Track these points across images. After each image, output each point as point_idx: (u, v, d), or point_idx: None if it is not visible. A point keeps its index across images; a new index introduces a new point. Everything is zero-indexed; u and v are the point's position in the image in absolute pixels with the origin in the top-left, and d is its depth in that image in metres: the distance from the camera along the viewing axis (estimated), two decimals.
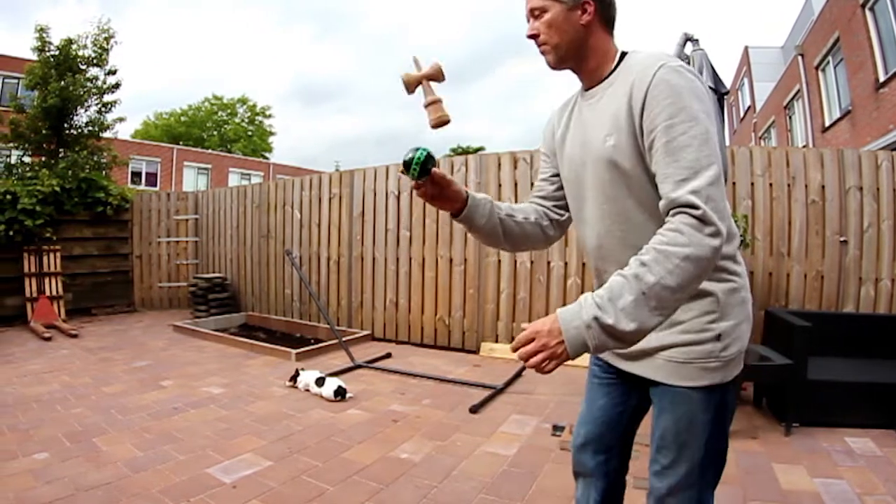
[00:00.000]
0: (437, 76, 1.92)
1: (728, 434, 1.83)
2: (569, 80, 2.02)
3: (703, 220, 1.43)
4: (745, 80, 29.55)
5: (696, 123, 1.51)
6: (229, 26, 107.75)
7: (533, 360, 1.49)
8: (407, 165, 1.79)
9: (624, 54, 1.80)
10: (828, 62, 17.35)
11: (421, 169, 1.79)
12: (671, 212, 1.51)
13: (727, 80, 4.57)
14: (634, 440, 2.15)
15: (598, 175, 1.78)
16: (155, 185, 37.08)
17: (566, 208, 2.10)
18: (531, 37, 1.82)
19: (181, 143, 46.30)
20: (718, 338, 1.70)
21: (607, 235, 1.82)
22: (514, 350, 1.54)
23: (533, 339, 1.49)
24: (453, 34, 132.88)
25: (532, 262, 7.41)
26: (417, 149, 1.80)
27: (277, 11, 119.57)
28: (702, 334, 1.70)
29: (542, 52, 1.82)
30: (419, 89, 1.91)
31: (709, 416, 1.74)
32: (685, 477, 1.77)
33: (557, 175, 2.10)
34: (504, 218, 2.03)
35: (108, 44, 13.33)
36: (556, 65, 1.83)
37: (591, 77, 1.84)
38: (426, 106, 1.89)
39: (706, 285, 1.67)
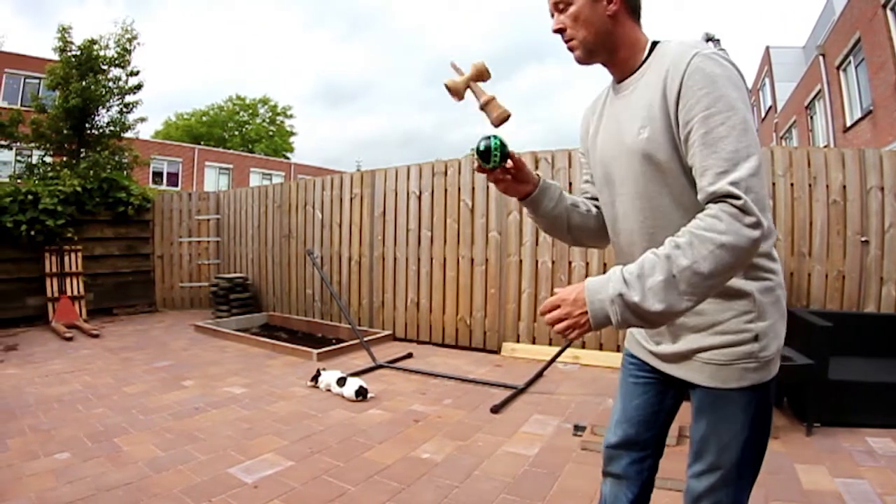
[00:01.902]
0: (483, 75, 1.90)
1: (769, 431, 1.80)
2: (593, 80, 1.98)
3: (743, 210, 1.38)
4: (767, 80, 29.45)
5: (735, 113, 1.45)
6: (256, 27, 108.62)
7: (557, 327, 1.53)
8: (484, 155, 1.79)
9: (655, 43, 1.74)
10: (849, 62, 17.32)
11: (501, 154, 1.79)
12: (710, 203, 1.45)
13: (748, 80, 4.52)
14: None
15: (632, 169, 1.72)
16: (176, 185, 37.34)
17: None
18: (557, 31, 1.77)
19: (202, 143, 46.54)
20: (756, 338, 1.65)
21: (640, 232, 1.76)
22: (542, 314, 1.57)
23: (559, 306, 1.53)
24: (477, 35, 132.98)
25: (553, 262, 7.34)
26: (487, 137, 1.80)
27: (304, 12, 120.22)
28: (740, 335, 1.65)
29: (570, 48, 1.77)
30: (468, 93, 1.89)
31: (749, 416, 1.70)
32: (723, 477, 1.74)
33: None
34: (569, 207, 2.02)
35: (130, 45, 13.36)
36: (586, 59, 1.77)
37: (622, 69, 1.78)
38: (483, 107, 1.87)
39: (743, 285, 1.64)
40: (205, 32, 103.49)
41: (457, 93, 1.88)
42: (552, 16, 1.78)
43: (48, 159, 13.48)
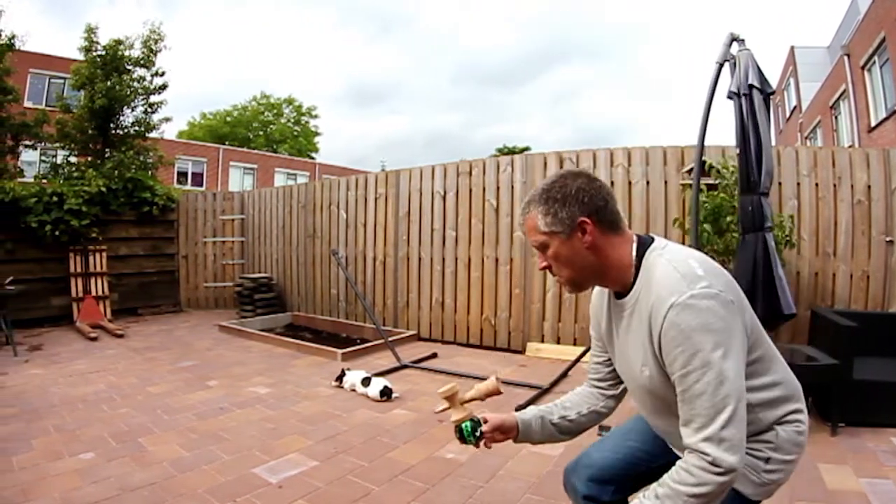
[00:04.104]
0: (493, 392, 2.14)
1: None
2: (618, 81, 1.92)
3: (713, 464, 1.48)
4: (791, 80, 29.23)
5: (709, 369, 1.51)
6: (285, 27, 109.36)
7: None
8: (463, 439, 2.06)
9: (641, 248, 1.76)
10: (874, 62, 17.19)
11: (476, 436, 2.04)
12: (688, 454, 1.56)
13: (773, 81, 4.49)
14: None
15: (643, 396, 1.88)
16: (201, 185, 37.57)
17: (622, 381, 2.09)
18: (544, 268, 1.85)
19: (227, 143, 46.75)
20: (768, 461, 1.75)
21: (662, 429, 1.96)
22: None
23: None
24: (504, 36, 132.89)
25: None
26: (459, 427, 2.06)
27: (334, 12, 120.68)
28: (754, 452, 1.75)
29: (560, 284, 1.87)
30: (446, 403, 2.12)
31: None
32: None
33: (609, 359, 2.08)
34: (558, 422, 2.14)
35: (156, 46, 13.40)
36: (578, 292, 1.90)
37: (617, 285, 1.83)
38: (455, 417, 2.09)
39: (771, 424, 1.76)
40: (231, 32, 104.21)
41: (447, 396, 2.09)
42: (538, 253, 1.85)
43: (73, 159, 13.54)
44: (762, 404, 1.69)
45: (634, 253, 1.75)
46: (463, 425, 2.03)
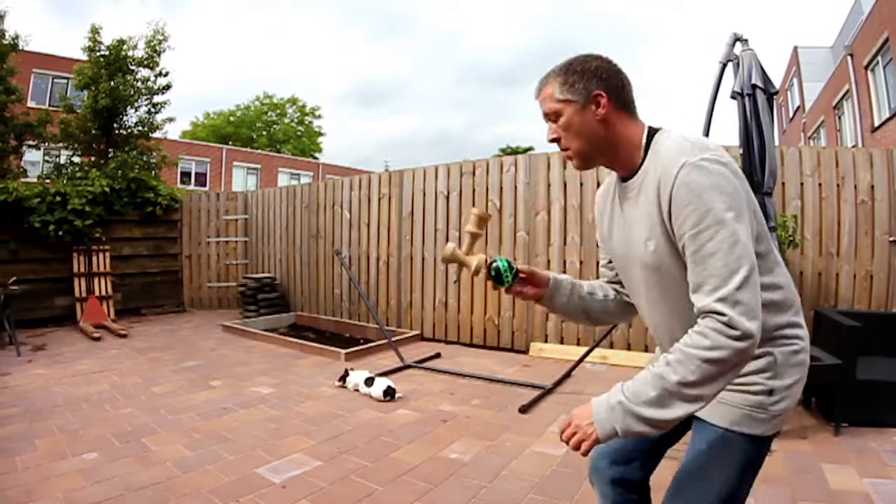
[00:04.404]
0: (480, 228, 2.08)
1: (747, 491, 1.80)
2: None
3: (729, 325, 1.44)
4: (795, 80, 29.26)
5: (723, 227, 1.49)
6: (288, 27, 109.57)
7: (571, 442, 1.64)
8: (497, 278, 1.95)
9: (652, 132, 1.75)
10: (877, 62, 17.23)
11: (513, 274, 1.95)
12: (700, 317, 1.52)
13: (776, 80, 4.47)
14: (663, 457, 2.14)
15: (646, 277, 1.79)
16: (204, 185, 37.64)
17: None
18: (553, 140, 1.82)
19: (230, 143, 46.74)
20: (771, 393, 1.69)
21: (663, 327, 1.86)
22: (560, 433, 1.70)
23: (571, 423, 1.65)
24: (509, 37, 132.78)
25: (581, 262, 7.27)
26: (494, 260, 1.96)
27: (338, 13, 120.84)
28: (754, 387, 1.69)
29: (567, 157, 1.83)
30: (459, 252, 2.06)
31: (736, 464, 1.73)
32: None
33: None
34: (585, 296, 2.11)
35: (160, 46, 13.39)
36: (584, 167, 1.85)
37: (624, 167, 1.81)
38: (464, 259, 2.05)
39: (765, 347, 1.68)
40: (236, 32, 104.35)
41: (450, 260, 2.06)
42: (547, 122, 1.82)
43: (76, 159, 13.52)
44: (765, 306, 1.58)
45: (645, 137, 1.74)
46: (499, 261, 1.95)
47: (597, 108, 1.70)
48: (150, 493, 3.47)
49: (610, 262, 2.13)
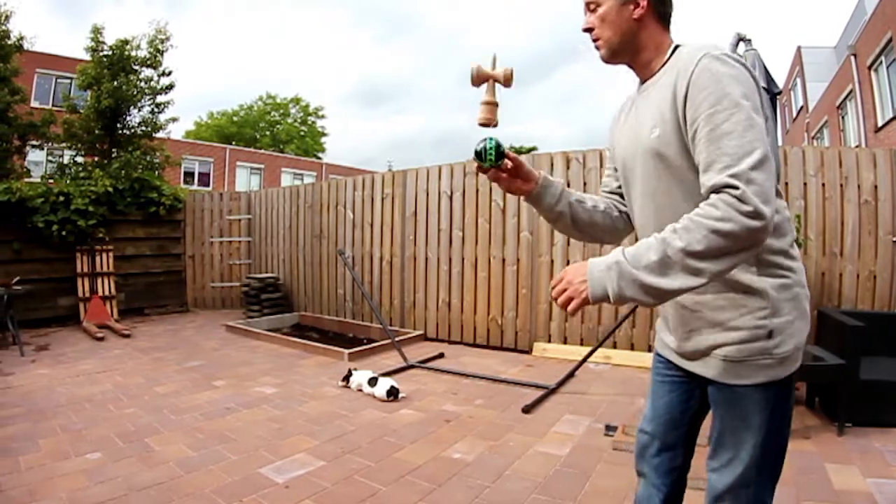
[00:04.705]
0: (506, 81, 1.97)
1: (788, 432, 1.86)
2: (625, 83, 1.98)
3: (740, 199, 1.41)
4: (798, 81, 29.32)
5: (739, 110, 1.49)
6: (293, 28, 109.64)
7: (560, 299, 1.60)
8: (480, 154, 1.90)
9: (678, 47, 1.78)
10: (881, 62, 17.27)
11: (496, 154, 1.90)
12: (711, 194, 1.50)
13: (780, 81, 4.48)
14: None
15: (646, 165, 1.81)
16: (208, 185, 37.66)
17: None
18: (586, 30, 1.86)
19: (233, 143, 46.75)
20: (770, 335, 1.67)
21: (654, 227, 1.77)
22: (551, 289, 1.65)
23: (563, 279, 1.62)
24: (516, 37, 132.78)
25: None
26: (484, 139, 1.91)
27: (344, 13, 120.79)
28: (753, 332, 1.68)
29: (596, 46, 1.86)
30: (484, 85, 1.96)
31: (766, 413, 1.73)
32: (742, 475, 1.77)
33: None
34: (573, 202, 2.10)
35: (163, 46, 13.39)
36: (610, 59, 1.87)
37: (645, 71, 1.86)
38: (483, 103, 1.96)
39: (756, 281, 1.68)
40: (239, 32, 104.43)
41: (477, 79, 1.95)
42: (585, 14, 1.86)
43: (80, 159, 13.50)
44: None
45: (671, 50, 1.78)
46: (488, 140, 1.91)
47: (635, 8, 1.76)
48: (153, 493, 3.46)
49: (615, 169, 2.14)
